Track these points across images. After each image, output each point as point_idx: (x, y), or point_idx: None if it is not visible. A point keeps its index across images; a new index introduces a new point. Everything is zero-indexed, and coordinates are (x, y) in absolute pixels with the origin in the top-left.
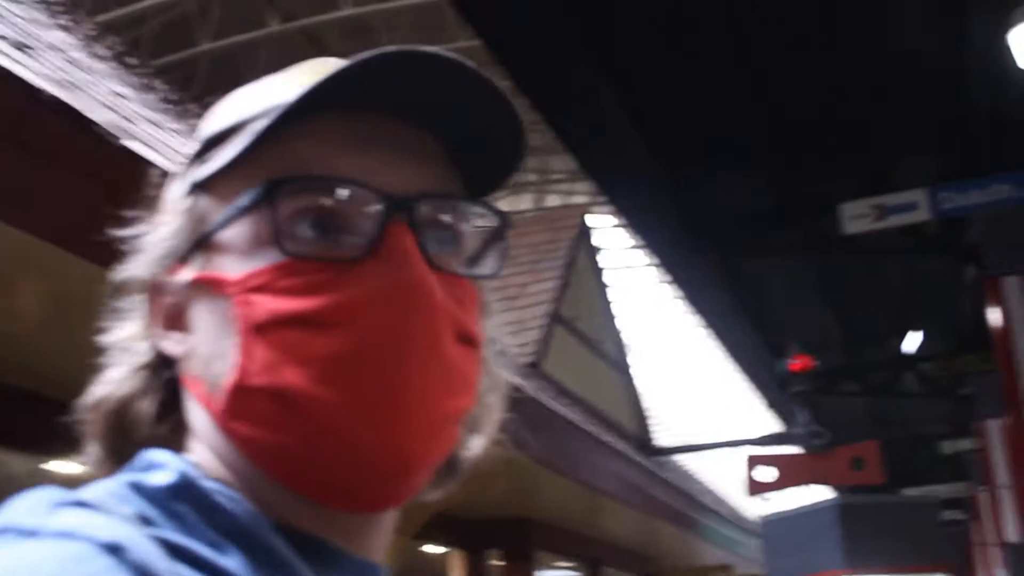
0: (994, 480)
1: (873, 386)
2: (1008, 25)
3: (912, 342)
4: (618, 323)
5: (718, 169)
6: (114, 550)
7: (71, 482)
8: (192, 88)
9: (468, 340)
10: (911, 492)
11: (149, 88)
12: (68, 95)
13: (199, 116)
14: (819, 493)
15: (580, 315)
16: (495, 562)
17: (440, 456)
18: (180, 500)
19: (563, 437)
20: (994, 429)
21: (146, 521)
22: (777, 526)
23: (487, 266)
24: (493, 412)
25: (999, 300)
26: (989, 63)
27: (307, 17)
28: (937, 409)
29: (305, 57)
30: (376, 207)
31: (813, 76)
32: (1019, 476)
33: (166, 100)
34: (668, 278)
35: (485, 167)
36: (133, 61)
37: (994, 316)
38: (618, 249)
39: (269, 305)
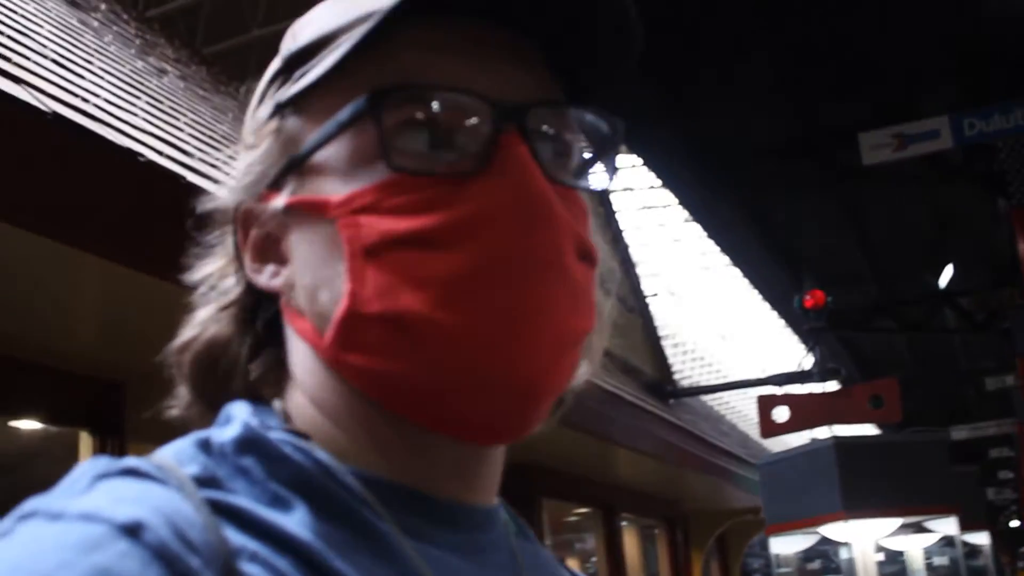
0: None
1: (909, 322)
2: None
3: (946, 276)
4: (636, 263)
5: (733, 104)
6: (132, 531)
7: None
8: (196, 37)
9: (587, 256)
10: (947, 429)
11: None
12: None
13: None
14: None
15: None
16: None
17: (566, 381)
18: (246, 453)
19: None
20: None
21: (210, 481)
22: (774, 468)
23: (598, 178)
24: (600, 336)
25: None
26: None
27: None
28: (982, 344)
29: (305, 2)
30: (487, 116)
31: (825, 9)
32: None
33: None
34: (689, 216)
35: (593, 76)
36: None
37: (1023, 246)
38: (638, 189)
39: (379, 225)
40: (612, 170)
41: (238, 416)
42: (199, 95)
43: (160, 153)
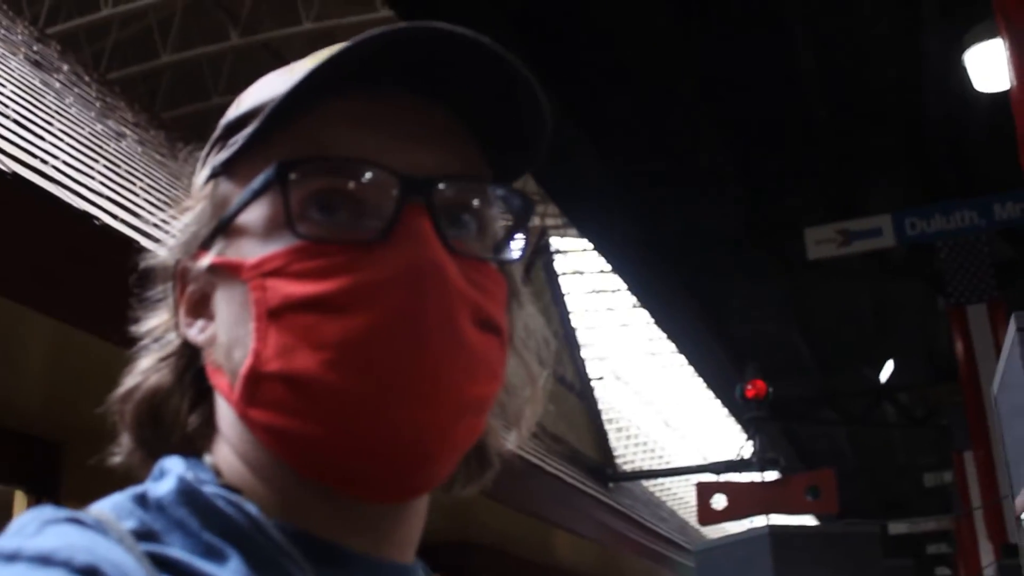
0: (971, 513)
1: (850, 415)
2: (963, 47)
3: (887, 371)
4: (583, 345)
5: (683, 193)
6: (89, 574)
7: None
8: (156, 102)
9: (490, 326)
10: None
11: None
12: None
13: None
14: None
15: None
16: None
17: (464, 445)
18: (181, 506)
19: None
20: (970, 461)
21: (147, 534)
22: (710, 556)
23: (511, 251)
24: (530, 406)
25: (963, 329)
26: (948, 86)
27: (269, 31)
28: (920, 439)
29: (267, 70)
30: (393, 188)
31: (774, 103)
32: (990, 508)
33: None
34: (636, 301)
35: (509, 150)
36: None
37: (959, 345)
38: (589, 272)
39: (283, 289)
40: (525, 242)
41: (173, 470)
42: (156, 159)
43: (115, 217)
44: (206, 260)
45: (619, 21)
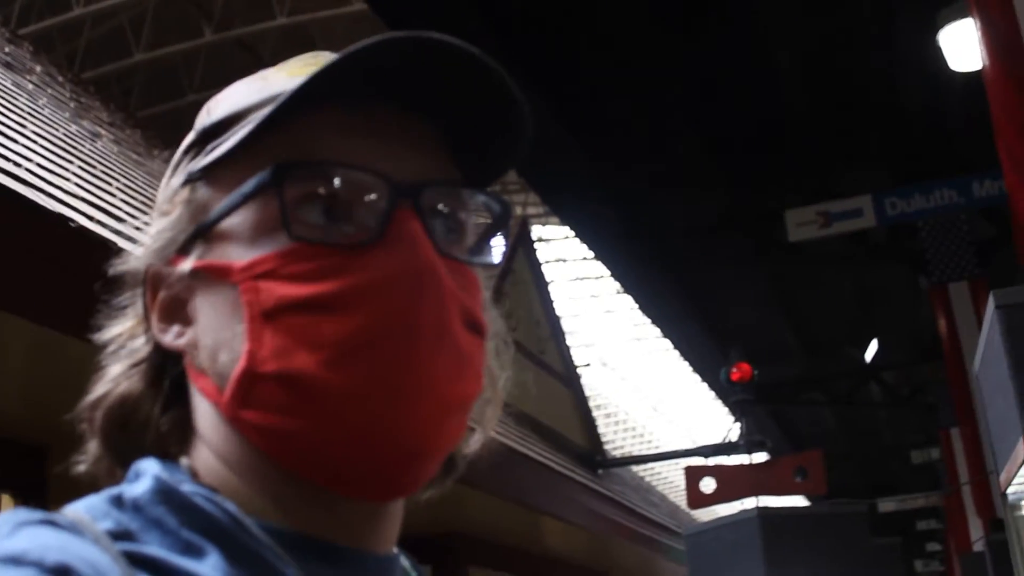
0: (959, 489)
1: (836, 396)
2: (936, 27)
3: (871, 351)
4: (568, 333)
5: (664, 178)
6: (61, 574)
7: None
8: (131, 100)
9: (475, 327)
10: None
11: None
12: None
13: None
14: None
15: (517, 326)
16: None
17: (451, 444)
18: (158, 504)
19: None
20: (957, 438)
21: (123, 534)
22: (700, 539)
23: (489, 254)
24: (491, 407)
25: (946, 307)
26: (922, 67)
27: (242, 27)
28: (906, 418)
29: (241, 67)
30: (384, 192)
31: (751, 90)
32: (978, 484)
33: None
34: (621, 288)
35: (487, 156)
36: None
37: (942, 323)
38: (572, 260)
39: (278, 291)
40: (502, 246)
41: (148, 471)
42: (132, 159)
43: (91, 219)
44: (187, 264)
45: (593, 10)
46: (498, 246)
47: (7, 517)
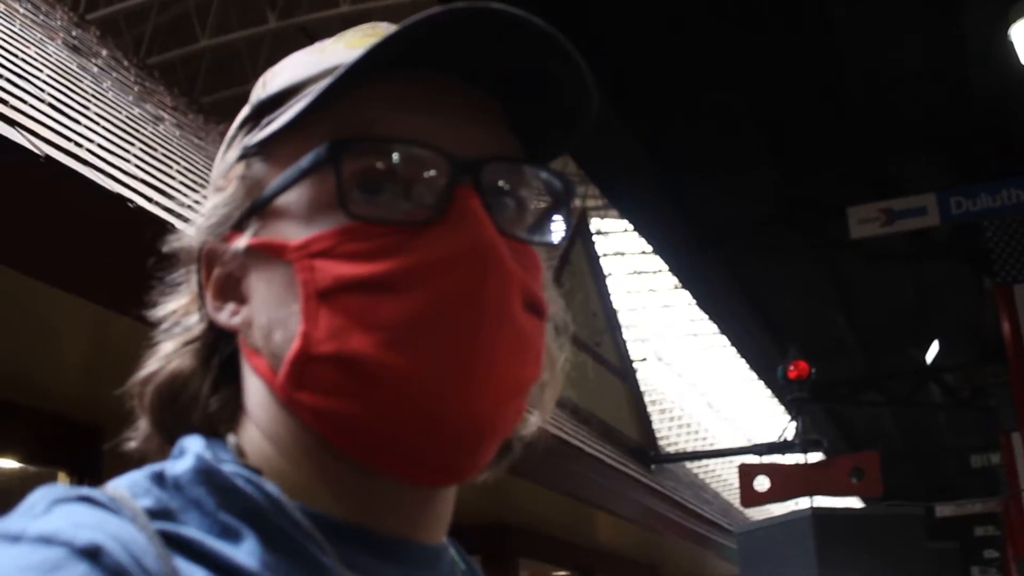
0: (1019, 495)
1: (895, 396)
2: (1008, 22)
3: (932, 352)
4: (625, 327)
5: (724, 173)
6: (91, 554)
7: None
8: (195, 85)
9: (535, 309)
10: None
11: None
12: None
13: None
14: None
15: (574, 319)
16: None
17: (510, 427)
18: (198, 484)
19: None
20: (1018, 442)
21: (163, 513)
22: (752, 538)
23: (549, 234)
24: (549, 389)
25: (1010, 309)
26: (990, 62)
27: (306, 14)
28: (967, 420)
29: None
30: (444, 169)
31: (810, 83)
32: None
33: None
34: (678, 283)
35: (546, 134)
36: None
37: (1006, 325)
38: (630, 253)
39: (334, 270)
40: (566, 226)
41: (191, 449)
42: (194, 143)
43: (149, 199)
44: (242, 241)
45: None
46: (559, 226)
47: (45, 493)
